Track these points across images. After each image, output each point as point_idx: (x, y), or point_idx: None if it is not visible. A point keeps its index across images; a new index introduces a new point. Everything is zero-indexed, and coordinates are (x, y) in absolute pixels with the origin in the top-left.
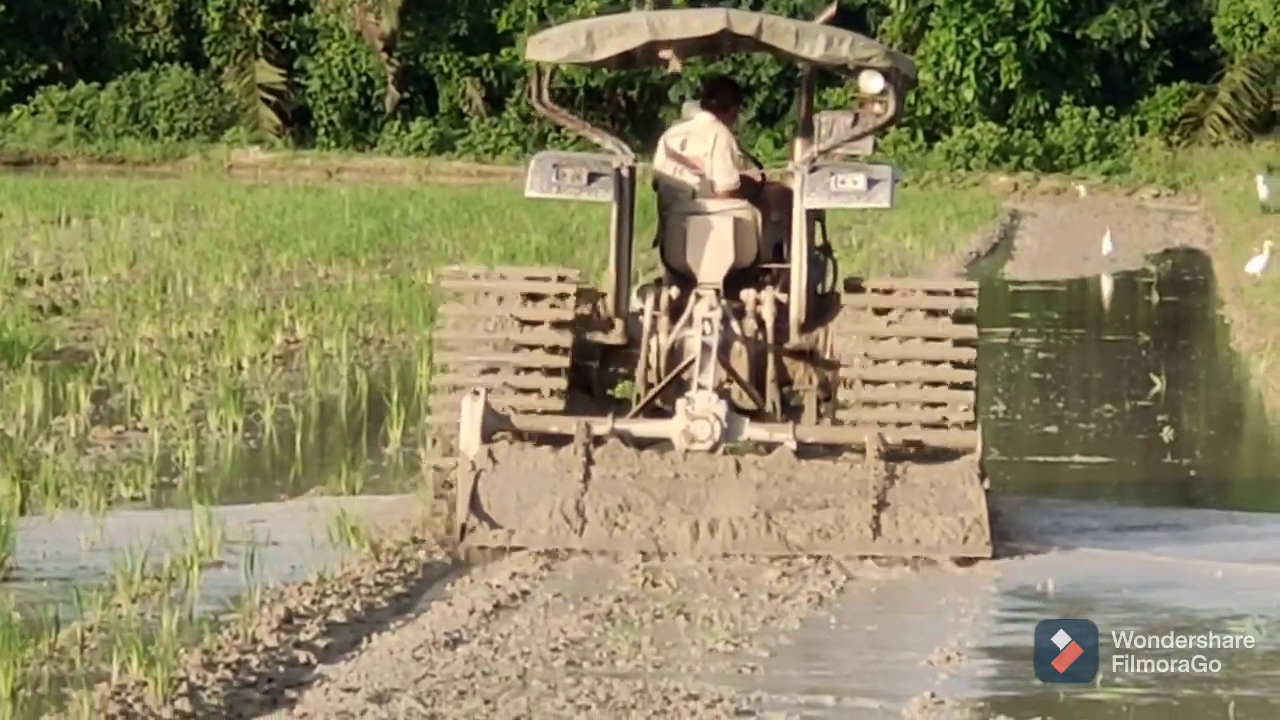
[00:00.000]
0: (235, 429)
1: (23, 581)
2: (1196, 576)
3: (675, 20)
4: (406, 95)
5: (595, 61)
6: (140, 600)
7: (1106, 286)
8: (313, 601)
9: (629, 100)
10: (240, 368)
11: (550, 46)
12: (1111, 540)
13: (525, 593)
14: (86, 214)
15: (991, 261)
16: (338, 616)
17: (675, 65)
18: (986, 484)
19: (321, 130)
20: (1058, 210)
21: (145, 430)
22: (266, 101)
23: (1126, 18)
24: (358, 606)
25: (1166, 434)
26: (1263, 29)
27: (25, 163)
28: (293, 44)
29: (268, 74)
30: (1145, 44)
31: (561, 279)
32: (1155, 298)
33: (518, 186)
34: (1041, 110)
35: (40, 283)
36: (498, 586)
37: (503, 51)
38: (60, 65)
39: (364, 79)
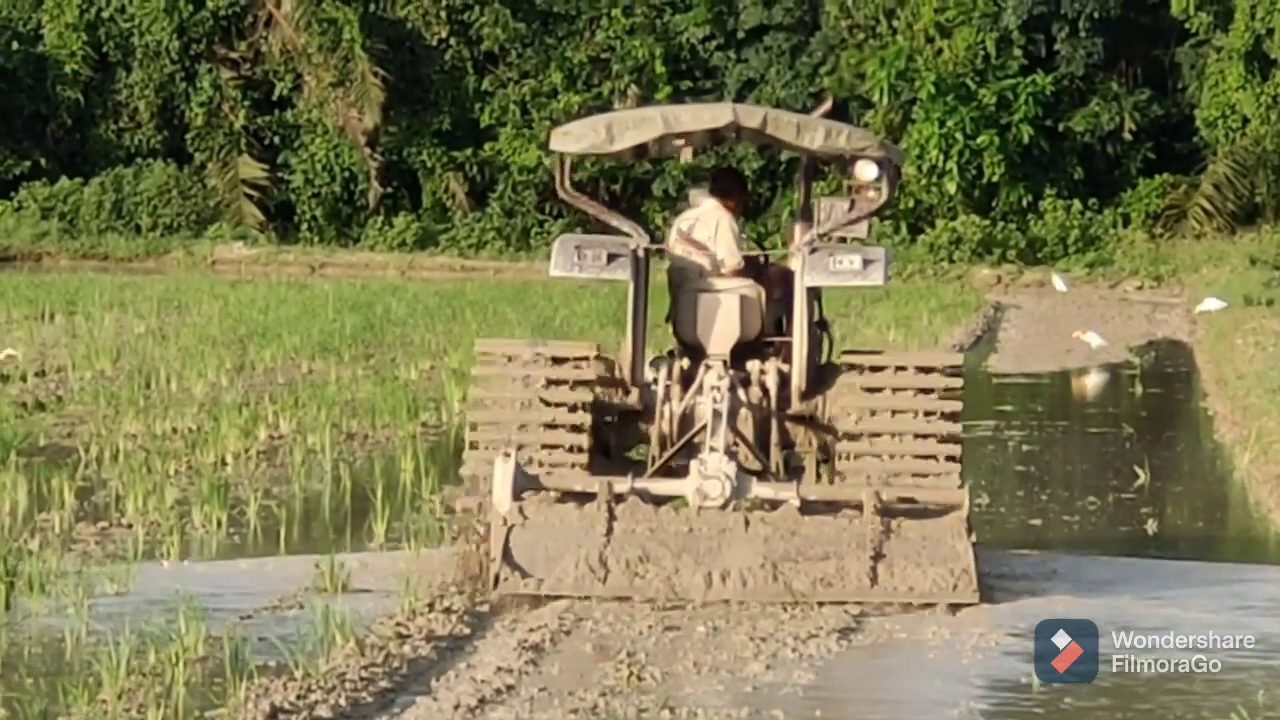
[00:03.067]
0: (219, 525)
1: (8, 678)
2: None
3: (687, 114)
4: (389, 190)
5: (613, 152)
6: (125, 696)
7: (1092, 381)
8: (298, 697)
9: (612, 194)
10: (224, 463)
11: (572, 139)
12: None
13: (510, 687)
14: (70, 310)
15: (975, 354)
16: (323, 712)
17: (686, 155)
18: (973, 537)
19: (305, 225)
20: (1041, 303)
21: (129, 526)
22: (250, 197)
23: (1109, 110)
24: (343, 702)
25: (1151, 526)
26: (1245, 121)
27: (8, 259)
28: (276, 139)
29: (251, 169)
30: (1128, 136)
31: (582, 352)
32: (1139, 390)
33: (501, 281)
34: (1024, 203)
35: (24, 379)
36: (482, 681)
37: (486, 146)
38: (43, 161)
39: (347, 174)
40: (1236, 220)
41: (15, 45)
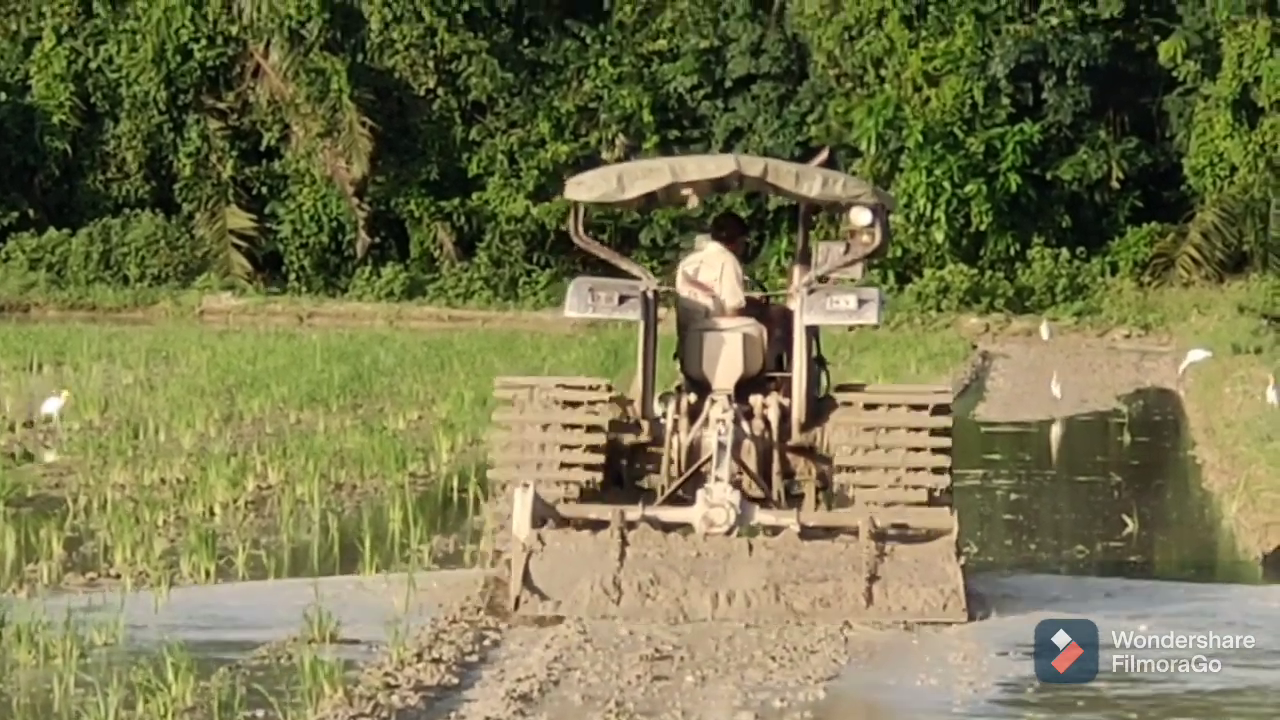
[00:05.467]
0: (208, 575)
1: None
2: None
3: (692, 165)
4: (377, 240)
5: (624, 201)
6: None
7: (1055, 432)
8: None
9: (601, 242)
10: (212, 514)
11: (585, 188)
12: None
13: None
14: (58, 360)
15: (963, 403)
16: None
17: (694, 202)
18: (962, 560)
19: (293, 275)
20: (1029, 351)
21: (118, 577)
22: (238, 247)
23: (1097, 158)
24: None
25: (1139, 574)
26: (1233, 169)
27: None
28: (264, 189)
29: (239, 219)
30: (1115, 185)
31: (596, 387)
32: (1127, 438)
33: (489, 330)
34: (1012, 251)
35: (12, 429)
36: None
37: (473, 196)
38: (31, 212)
39: (335, 224)
40: (1224, 268)
41: (3, 96)
